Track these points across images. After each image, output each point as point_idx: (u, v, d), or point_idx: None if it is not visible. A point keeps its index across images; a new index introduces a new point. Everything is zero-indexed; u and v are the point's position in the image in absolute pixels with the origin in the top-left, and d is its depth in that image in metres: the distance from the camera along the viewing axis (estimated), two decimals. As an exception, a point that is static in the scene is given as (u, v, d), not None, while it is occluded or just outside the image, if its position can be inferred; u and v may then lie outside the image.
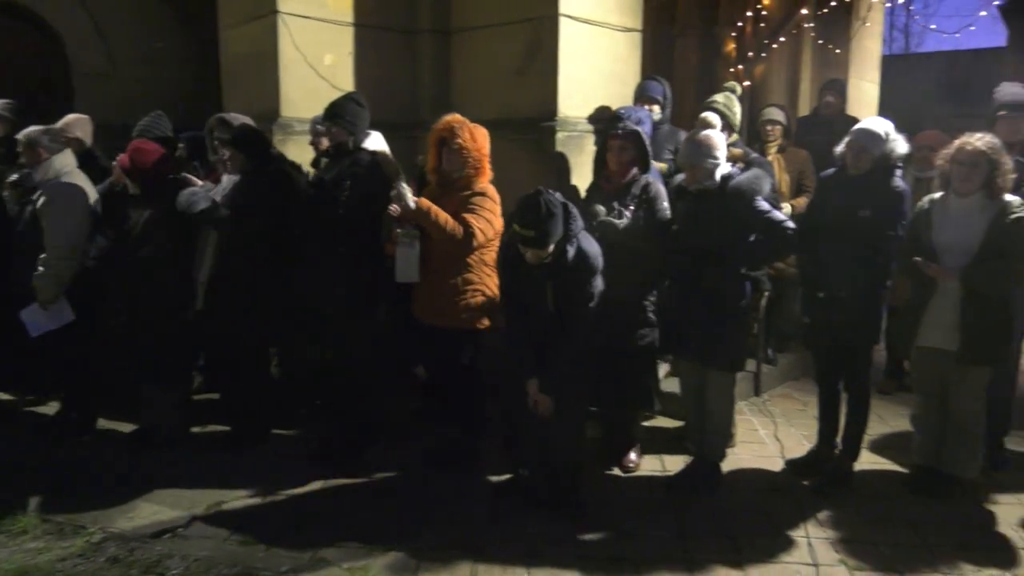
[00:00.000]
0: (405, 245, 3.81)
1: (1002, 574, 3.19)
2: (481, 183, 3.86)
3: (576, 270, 3.47)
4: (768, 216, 3.62)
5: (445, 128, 3.79)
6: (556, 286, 3.50)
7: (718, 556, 3.28)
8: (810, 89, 7.73)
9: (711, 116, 3.61)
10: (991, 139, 3.54)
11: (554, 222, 3.35)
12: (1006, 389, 4.24)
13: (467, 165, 3.81)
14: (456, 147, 3.76)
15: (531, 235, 3.35)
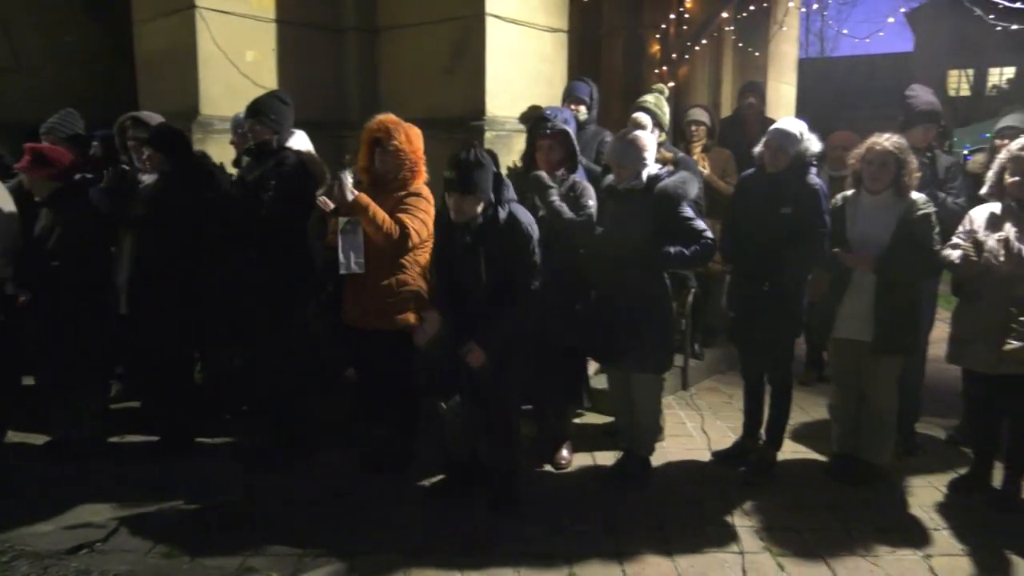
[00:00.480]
0: (348, 233, 3.71)
1: (915, 553, 3.34)
2: (417, 184, 3.83)
3: (509, 235, 3.44)
4: (691, 224, 3.67)
5: (380, 129, 3.72)
6: (488, 255, 3.47)
7: (648, 548, 3.34)
8: (731, 90, 7.95)
9: (642, 117, 3.66)
10: (898, 140, 3.72)
11: (481, 172, 3.36)
12: (916, 377, 4.46)
13: (404, 167, 3.76)
14: (392, 149, 3.71)
15: (453, 177, 3.36)
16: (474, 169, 3.35)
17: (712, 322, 5.76)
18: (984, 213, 3.69)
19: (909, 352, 3.94)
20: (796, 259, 3.79)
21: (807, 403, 5.13)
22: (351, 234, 3.70)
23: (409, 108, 4.99)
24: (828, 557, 3.29)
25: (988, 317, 3.56)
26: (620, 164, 3.71)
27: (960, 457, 4.26)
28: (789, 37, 8.84)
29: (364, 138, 3.80)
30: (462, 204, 3.40)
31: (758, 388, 4.23)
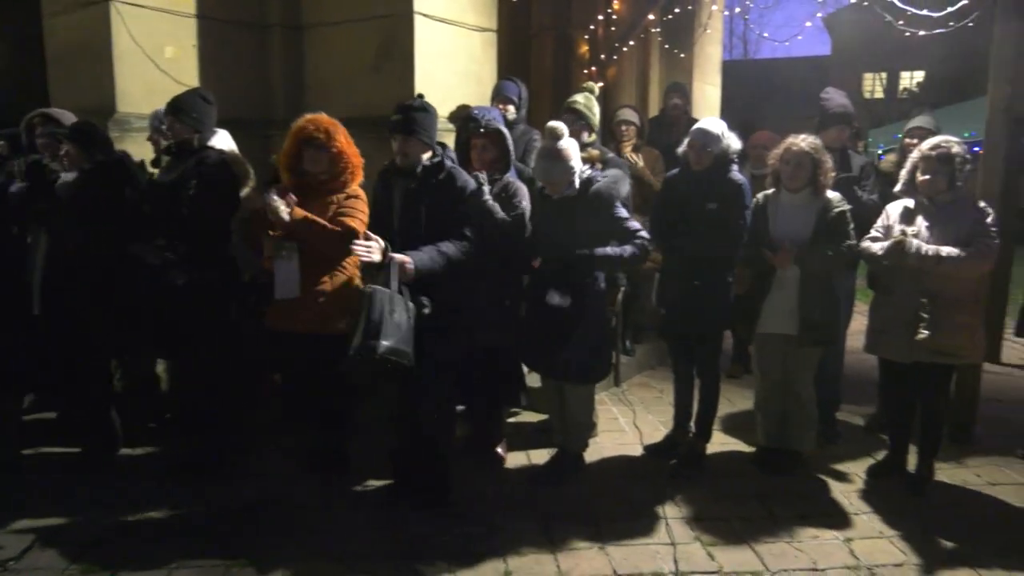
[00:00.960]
0: (285, 259, 3.60)
1: (837, 537, 3.47)
2: (354, 186, 3.77)
3: (450, 183, 3.49)
4: (625, 225, 3.73)
5: (318, 130, 3.61)
6: (430, 202, 3.48)
7: (583, 542, 3.37)
8: (658, 91, 8.10)
9: (559, 127, 3.64)
10: (813, 140, 3.86)
11: (426, 116, 3.45)
12: (836, 368, 4.63)
13: (346, 171, 3.70)
14: (335, 151, 3.63)
15: (399, 119, 3.39)
16: (419, 112, 3.42)
17: (642, 319, 5.86)
18: (899, 208, 3.86)
19: (830, 344, 4.09)
20: (721, 253, 3.90)
21: (734, 396, 5.27)
22: (287, 260, 3.60)
23: (336, 106, 4.89)
24: (755, 544, 3.38)
25: (901, 308, 3.73)
26: (550, 179, 3.72)
27: (878, 443, 4.44)
28: (713, 39, 9.07)
29: (293, 138, 3.67)
30: (406, 146, 3.42)
31: (687, 382, 4.33)
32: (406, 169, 3.52)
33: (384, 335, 3.24)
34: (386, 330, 3.25)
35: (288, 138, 3.68)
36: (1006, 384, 5.57)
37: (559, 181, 3.69)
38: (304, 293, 3.64)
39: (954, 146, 3.67)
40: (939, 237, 3.63)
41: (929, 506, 3.77)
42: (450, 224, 3.51)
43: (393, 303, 3.30)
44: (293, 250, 3.59)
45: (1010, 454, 4.40)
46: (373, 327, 3.25)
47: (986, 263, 3.67)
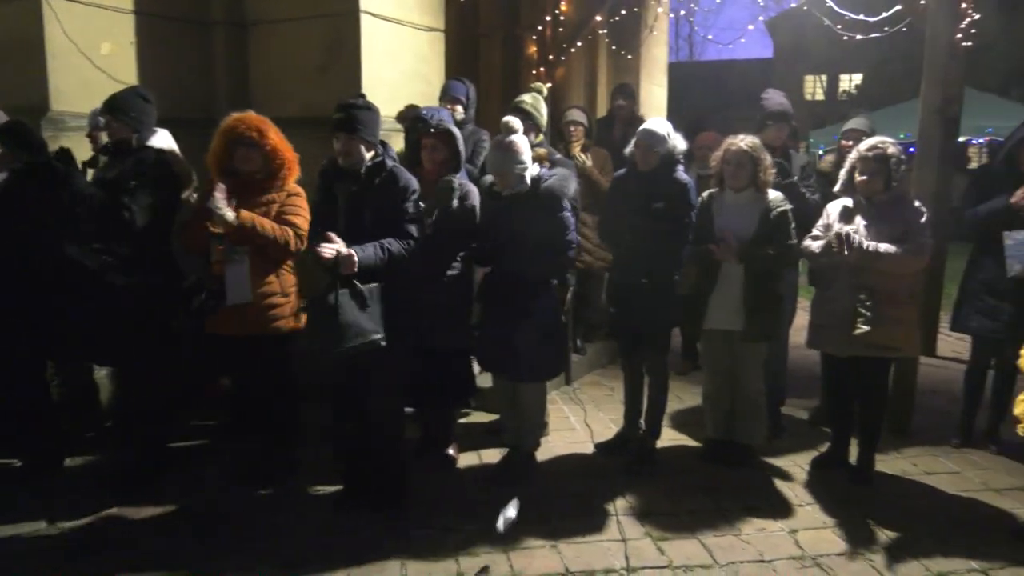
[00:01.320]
0: (235, 263, 3.53)
1: (782, 529, 3.55)
2: (291, 183, 3.72)
3: (390, 186, 3.47)
4: (564, 233, 3.73)
5: (248, 128, 3.56)
6: (373, 203, 3.46)
7: (535, 541, 3.38)
8: (606, 91, 8.17)
9: (513, 121, 3.67)
10: (752, 140, 3.95)
11: (369, 115, 3.43)
12: (781, 363, 4.74)
13: (282, 167, 3.64)
14: (269, 148, 3.58)
15: (342, 117, 3.37)
16: (362, 110, 3.40)
17: (593, 318, 5.90)
18: (838, 207, 3.97)
19: (774, 339, 4.18)
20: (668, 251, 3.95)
21: (683, 392, 5.35)
22: (238, 264, 3.53)
23: (282, 106, 4.85)
24: (704, 537, 3.44)
25: (840, 304, 3.83)
26: (501, 171, 3.72)
27: (821, 436, 4.55)
28: (659, 41, 9.19)
29: (222, 138, 3.59)
30: (349, 145, 3.39)
31: (637, 380, 4.37)
32: (348, 169, 3.48)
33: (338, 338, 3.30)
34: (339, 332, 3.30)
35: (216, 138, 3.60)
36: (942, 376, 5.77)
37: (510, 174, 3.69)
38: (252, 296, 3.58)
39: (889, 147, 3.79)
40: (877, 235, 3.74)
41: (870, 496, 3.88)
42: (395, 223, 3.48)
43: (340, 303, 3.31)
44: (244, 254, 3.53)
45: (945, 444, 4.56)
46: (325, 331, 3.27)
47: (921, 260, 3.79)
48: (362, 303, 3.37)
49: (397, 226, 3.48)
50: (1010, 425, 3.55)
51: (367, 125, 3.44)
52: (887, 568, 3.23)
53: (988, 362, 4.50)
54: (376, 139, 3.51)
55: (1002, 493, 3.94)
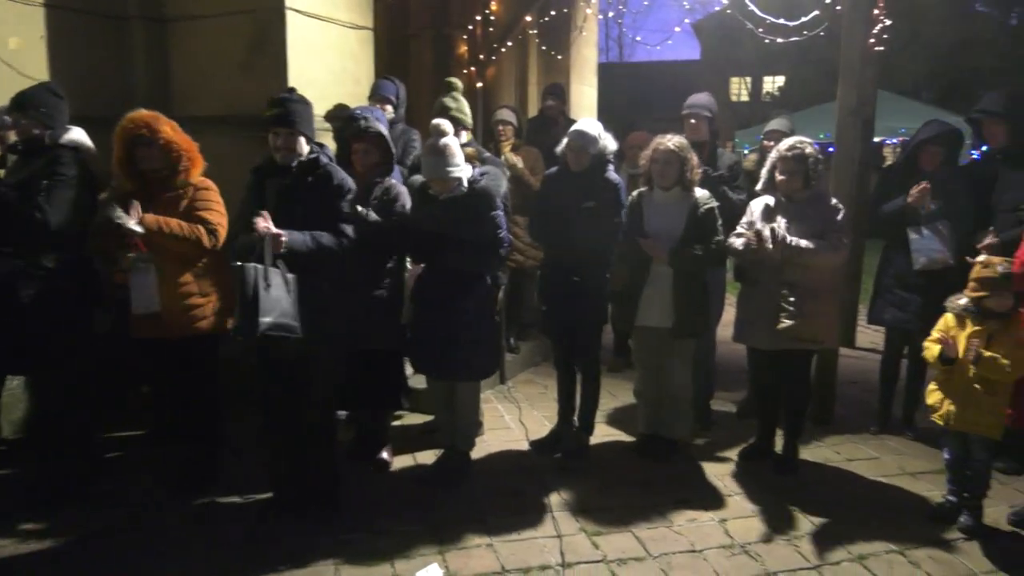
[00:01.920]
0: (140, 272, 3.40)
1: (712, 519, 3.64)
2: (196, 175, 3.62)
3: (324, 184, 3.42)
4: (496, 232, 3.72)
5: (141, 125, 3.45)
6: (307, 199, 3.39)
7: (471, 541, 3.38)
8: (537, 92, 8.22)
9: (444, 124, 3.65)
10: (680, 140, 4.03)
11: (305, 108, 3.38)
12: (709, 358, 4.85)
13: (180, 160, 3.54)
14: (163, 143, 3.47)
15: (280, 113, 3.31)
16: (298, 104, 3.36)
17: (526, 316, 5.93)
18: (760, 205, 4.09)
19: (702, 335, 4.28)
20: (599, 250, 4.00)
21: (616, 388, 5.43)
22: (144, 272, 3.40)
23: (204, 104, 4.72)
24: (637, 530, 3.50)
25: (764, 299, 3.95)
26: (437, 177, 3.67)
27: (749, 428, 4.66)
28: (589, 42, 9.29)
29: (119, 138, 3.48)
30: (289, 141, 3.34)
31: (570, 377, 4.42)
32: (282, 165, 3.41)
33: (263, 311, 3.16)
34: (264, 306, 3.17)
35: (115, 143, 3.50)
36: (861, 367, 6.00)
37: (446, 179, 3.66)
38: (168, 298, 3.47)
39: (808, 147, 3.92)
40: (797, 232, 3.86)
41: (795, 484, 4.02)
42: (328, 222, 3.42)
43: (268, 277, 3.21)
44: (149, 262, 3.41)
45: (865, 431, 4.75)
46: (249, 305, 3.16)
47: (839, 256, 3.93)
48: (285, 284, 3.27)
49: (331, 225, 3.41)
50: (924, 412, 3.71)
51: (305, 119, 3.39)
52: (812, 553, 3.34)
53: (901, 352, 4.71)
54: (313, 133, 3.46)
55: (917, 477, 4.13)
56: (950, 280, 3.92)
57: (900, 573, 3.20)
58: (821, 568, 3.23)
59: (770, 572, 3.19)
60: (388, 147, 3.88)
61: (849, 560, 3.29)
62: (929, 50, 21.29)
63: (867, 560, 3.29)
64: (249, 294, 3.15)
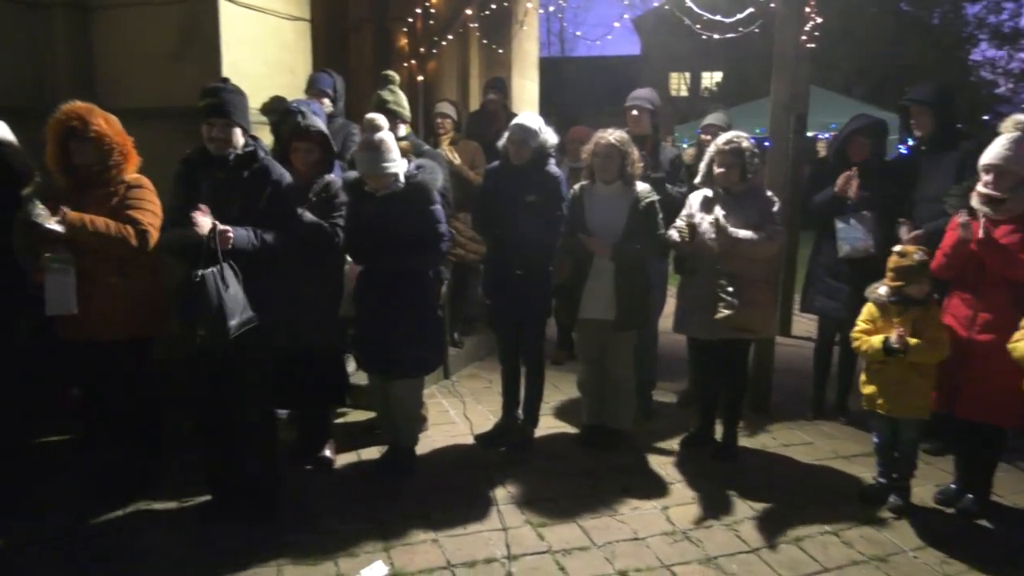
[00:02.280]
0: (58, 272, 3.24)
1: (655, 506, 3.70)
2: (130, 171, 3.50)
3: (261, 178, 3.34)
4: (436, 226, 3.69)
5: (73, 118, 3.32)
6: (245, 191, 3.31)
7: (416, 537, 3.36)
8: (479, 85, 8.20)
9: (378, 118, 3.58)
10: (620, 134, 4.07)
11: (241, 98, 3.28)
12: (652, 349, 4.92)
13: (112, 154, 3.42)
14: (94, 136, 3.34)
15: (215, 103, 3.21)
16: (233, 94, 3.26)
17: (470, 310, 5.92)
18: (699, 198, 4.16)
19: (645, 326, 4.34)
20: (542, 243, 4.02)
21: (560, 381, 5.46)
22: (61, 274, 3.25)
23: (132, 96, 4.57)
24: (581, 520, 3.53)
25: (703, 290, 4.02)
26: (373, 173, 3.61)
27: (689, 417, 4.75)
28: (530, 36, 9.30)
29: (51, 133, 3.35)
30: (225, 131, 3.24)
31: (514, 370, 4.43)
32: (217, 157, 3.31)
33: (230, 315, 3.13)
34: (229, 308, 3.13)
35: (48, 138, 3.36)
36: (797, 355, 6.17)
37: (383, 176, 3.60)
38: (97, 299, 3.35)
39: (744, 141, 4.01)
40: (735, 223, 3.94)
41: (735, 470, 4.11)
42: (266, 217, 3.34)
43: (225, 278, 3.14)
44: (67, 262, 3.26)
45: (801, 418, 4.89)
46: (217, 313, 3.09)
47: (774, 246, 4.04)
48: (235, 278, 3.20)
49: (270, 220, 3.33)
50: (856, 397, 3.84)
51: (240, 109, 3.30)
52: (751, 537, 3.43)
53: (833, 340, 4.86)
54: (249, 125, 3.36)
55: (850, 460, 4.27)
56: (878, 269, 4.05)
57: (834, 553, 3.30)
58: (759, 551, 3.31)
59: (710, 557, 3.26)
60: (330, 146, 3.81)
61: (786, 543, 3.38)
62: (859, 48, 21.99)
63: (803, 542, 3.39)
64: (215, 303, 3.09)
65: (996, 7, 26.35)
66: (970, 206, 3.49)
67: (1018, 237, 3.36)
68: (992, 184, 3.39)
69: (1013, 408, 3.36)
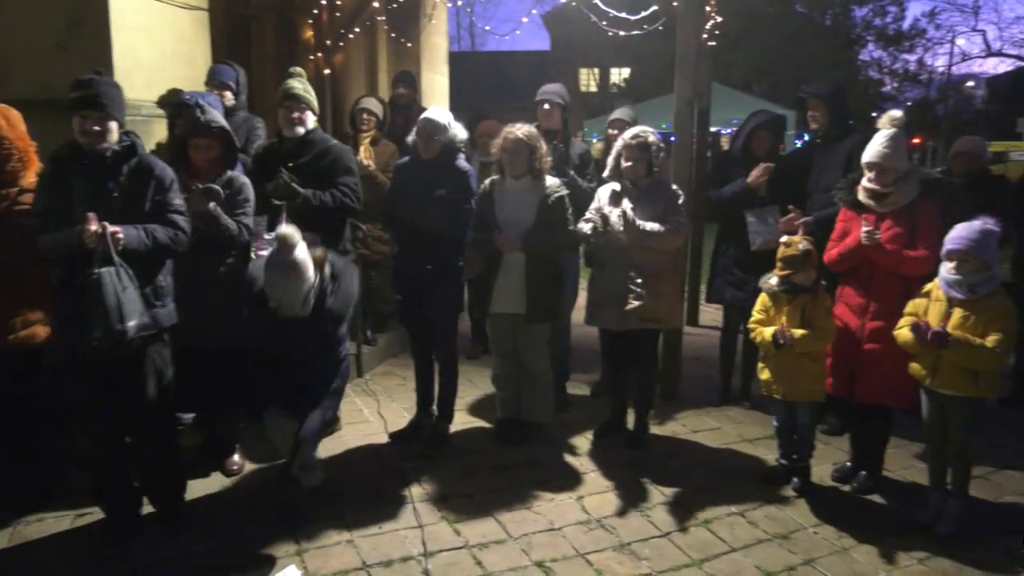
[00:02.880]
0: None
1: (569, 497, 3.75)
2: (29, 177, 3.30)
3: (142, 175, 3.13)
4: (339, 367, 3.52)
5: None
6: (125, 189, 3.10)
7: (330, 539, 3.31)
8: (388, 79, 8.10)
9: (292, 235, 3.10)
10: (529, 129, 4.10)
11: (115, 90, 3.08)
12: (564, 342, 4.99)
13: (12, 158, 3.22)
14: None
15: (86, 94, 3.00)
16: (108, 86, 3.06)
17: (382, 307, 5.85)
18: (608, 191, 4.23)
19: (557, 320, 4.39)
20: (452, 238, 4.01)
21: (475, 376, 5.46)
22: None
23: (14, 87, 4.30)
24: (498, 514, 3.55)
25: (613, 282, 4.10)
26: (286, 302, 3.20)
27: (603, 407, 4.83)
28: (439, 30, 9.24)
29: None
30: (104, 124, 3.02)
31: (428, 366, 4.40)
32: (92, 153, 3.07)
33: (127, 315, 2.96)
34: (127, 309, 2.96)
35: None
36: (704, 344, 6.37)
37: (294, 303, 3.15)
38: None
39: (650, 136, 4.10)
40: (642, 216, 4.03)
41: (646, 457, 4.21)
42: (153, 216, 3.15)
43: (121, 279, 2.97)
44: None
45: (708, 404, 5.05)
46: (114, 312, 2.92)
47: (680, 237, 4.15)
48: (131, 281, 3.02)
49: (158, 219, 3.16)
50: (759, 383, 3.99)
51: (116, 102, 3.09)
52: (662, 521, 3.52)
53: (738, 328, 5.04)
54: (124, 120, 3.16)
55: (754, 443, 4.44)
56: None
57: (740, 532, 3.43)
58: (671, 535, 3.41)
59: (624, 543, 3.34)
60: (232, 141, 3.66)
61: (696, 525, 3.49)
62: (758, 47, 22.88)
63: (711, 524, 3.51)
64: (112, 302, 2.91)
65: (881, 10, 27.95)
66: (857, 200, 3.68)
67: (901, 231, 3.57)
68: (875, 180, 3.58)
69: (905, 390, 3.56)
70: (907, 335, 3.33)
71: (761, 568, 3.16)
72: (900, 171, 3.57)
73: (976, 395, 3.29)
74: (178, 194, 3.25)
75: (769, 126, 4.70)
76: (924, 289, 3.41)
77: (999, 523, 3.56)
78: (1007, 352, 3.24)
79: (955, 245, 3.24)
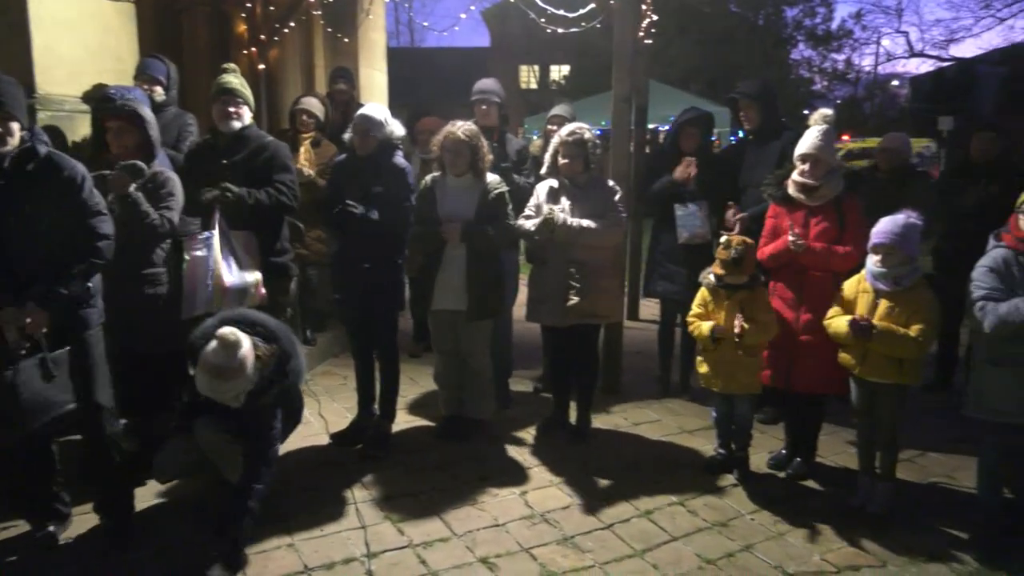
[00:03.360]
0: None
1: (513, 492, 3.77)
2: None
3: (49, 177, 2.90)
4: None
5: None
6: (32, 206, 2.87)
7: (271, 544, 3.25)
8: (324, 75, 7.96)
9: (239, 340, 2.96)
10: (470, 127, 4.09)
11: (13, 88, 2.88)
12: (506, 338, 5.00)
13: None
14: None
15: None
16: (8, 84, 2.86)
17: (321, 307, 5.76)
18: (545, 188, 4.25)
19: (497, 315, 4.40)
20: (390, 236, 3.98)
21: (416, 374, 5.43)
22: None
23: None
24: (442, 513, 3.54)
25: (553, 279, 4.13)
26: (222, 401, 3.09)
27: (546, 403, 4.87)
28: (377, 25, 9.12)
29: None
30: (5, 126, 2.82)
31: (368, 365, 4.36)
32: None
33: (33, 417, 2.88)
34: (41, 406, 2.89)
35: None
36: (644, 338, 6.45)
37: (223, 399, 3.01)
38: None
39: (586, 132, 4.14)
40: (580, 212, 4.08)
41: (589, 451, 4.26)
42: (71, 224, 2.95)
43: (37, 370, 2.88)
44: None
45: (649, 396, 5.13)
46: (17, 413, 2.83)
47: (617, 233, 4.21)
48: (47, 374, 2.86)
49: (79, 225, 2.96)
50: (698, 375, 4.07)
51: (16, 100, 2.87)
52: (605, 513, 3.57)
53: (675, 321, 5.14)
54: (25, 119, 2.94)
55: (694, 434, 4.53)
56: (712, 254, 4.32)
57: (681, 522, 3.50)
58: (613, 527, 3.45)
59: (568, 536, 3.37)
60: (146, 128, 3.53)
61: (637, 516, 3.55)
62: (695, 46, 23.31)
63: (653, 514, 3.57)
64: None
65: (811, 11, 28.80)
66: (786, 194, 3.79)
67: (828, 225, 3.70)
68: (808, 172, 3.70)
69: (837, 378, 3.68)
70: (838, 326, 3.45)
71: (701, 556, 3.23)
72: (831, 164, 3.70)
73: (902, 382, 3.43)
74: (93, 192, 3.05)
75: (697, 123, 4.80)
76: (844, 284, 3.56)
77: (925, 503, 3.71)
78: (930, 341, 3.38)
79: (881, 239, 3.36)
